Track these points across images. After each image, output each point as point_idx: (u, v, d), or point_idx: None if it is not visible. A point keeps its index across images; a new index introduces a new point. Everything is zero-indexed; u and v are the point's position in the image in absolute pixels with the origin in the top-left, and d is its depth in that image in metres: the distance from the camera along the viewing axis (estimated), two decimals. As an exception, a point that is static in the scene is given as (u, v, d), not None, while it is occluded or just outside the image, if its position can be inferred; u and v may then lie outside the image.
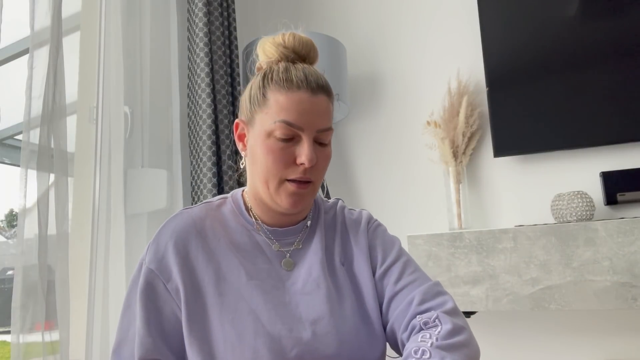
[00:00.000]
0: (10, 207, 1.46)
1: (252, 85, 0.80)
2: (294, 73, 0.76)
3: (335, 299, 0.78)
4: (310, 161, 0.74)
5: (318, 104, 0.75)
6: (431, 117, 1.89)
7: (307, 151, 0.74)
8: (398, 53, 1.99)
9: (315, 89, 0.75)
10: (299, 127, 0.74)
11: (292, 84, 0.74)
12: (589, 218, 1.46)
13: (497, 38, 1.74)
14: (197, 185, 1.65)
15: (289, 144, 0.75)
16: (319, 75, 0.78)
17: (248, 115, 0.79)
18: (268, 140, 0.75)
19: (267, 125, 0.75)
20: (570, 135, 1.62)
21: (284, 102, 0.74)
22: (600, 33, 1.61)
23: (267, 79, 0.77)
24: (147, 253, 0.77)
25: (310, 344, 0.72)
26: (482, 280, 1.45)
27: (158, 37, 1.74)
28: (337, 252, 0.84)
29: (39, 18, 1.30)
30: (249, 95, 0.79)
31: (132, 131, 1.61)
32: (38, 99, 1.26)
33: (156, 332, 0.74)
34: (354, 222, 0.88)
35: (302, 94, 0.74)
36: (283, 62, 0.79)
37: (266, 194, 0.77)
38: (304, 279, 0.78)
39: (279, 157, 0.74)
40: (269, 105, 0.75)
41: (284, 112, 0.74)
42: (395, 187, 1.93)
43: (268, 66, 0.80)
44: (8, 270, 1.47)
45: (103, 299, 1.39)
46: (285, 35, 0.80)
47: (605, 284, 1.33)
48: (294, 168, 0.75)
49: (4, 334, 1.33)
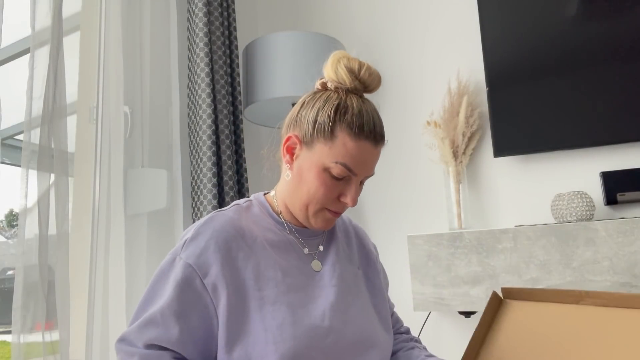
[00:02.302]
0: (10, 207, 1.46)
1: (319, 110, 0.81)
2: (366, 119, 0.80)
3: (355, 293, 0.87)
4: (353, 202, 0.82)
5: (376, 154, 0.82)
6: (431, 117, 1.89)
7: (353, 194, 0.82)
8: (398, 53, 1.99)
9: (379, 140, 0.81)
10: (354, 173, 0.81)
11: (363, 132, 0.79)
12: (589, 218, 1.46)
13: (497, 38, 1.74)
14: (197, 185, 1.65)
15: (339, 182, 0.81)
16: (382, 124, 0.83)
17: (307, 137, 0.81)
18: (323, 173, 0.80)
19: (328, 160, 0.80)
20: (570, 135, 1.62)
21: (351, 148, 0.79)
22: (600, 33, 1.61)
23: (339, 115, 0.79)
24: (183, 248, 0.79)
25: (341, 331, 0.79)
26: (482, 280, 1.45)
27: (158, 37, 1.74)
28: (355, 256, 0.94)
29: (40, 18, 1.30)
30: (315, 119, 0.81)
31: (132, 131, 1.61)
32: (38, 99, 1.26)
33: (185, 325, 0.76)
34: (366, 237, 1.01)
35: (367, 144, 0.80)
36: (355, 98, 0.82)
37: (302, 213, 0.84)
38: (330, 274, 0.86)
39: (328, 192, 0.81)
40: (335, 143, 0.79)
41: (348, 157, 0.79)
42: (395, 187, 1.93)
43: (340, 96, 0.82)
44: (8, 270, 1.47)
45: (103, 299, 1.39)
46: (363, 67, 0.83)
47: (605, 284, 1.33)
48: (336, 202, 0.83)
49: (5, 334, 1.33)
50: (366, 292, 0.90)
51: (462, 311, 1.52)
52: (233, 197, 1.68)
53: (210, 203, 1.59)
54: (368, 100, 0.85)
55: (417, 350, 0.95)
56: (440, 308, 1.50)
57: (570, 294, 0.90)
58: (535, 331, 0.87)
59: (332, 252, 0.89)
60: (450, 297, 1.49)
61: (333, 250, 0.89)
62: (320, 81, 0.86)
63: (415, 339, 1.02)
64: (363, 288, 0.90)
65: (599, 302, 0.87)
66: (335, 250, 0.90)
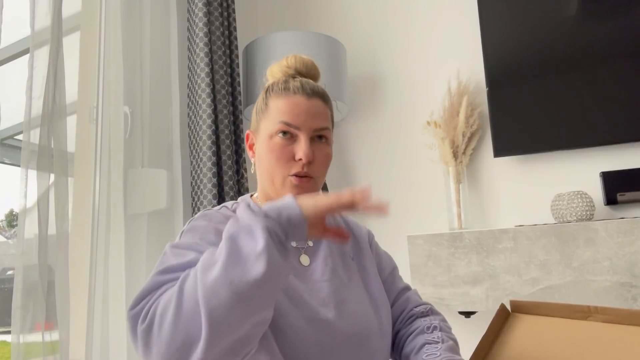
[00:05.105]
0: (10, 207, 1.46)
1: (258, 100, 0.89)
2: (292, 83, 0.85)
3: (349, 286, 0.86)
4: (306, 156, 0.81)
5: (313, 106, 0.84)
6: (431, 117, 1.89)
7: (303, 147, 0.81)
8: (398, 53, 1.99)
9: (311, 94, 0.84)
10: (295, 127, 0.82)
11: (289, 90, 0.84)
12: (589, 218, 1.46)
13: (497, 38, 1.74)
14: (197, 185, 1.65)
15: (288, 142, 0.82)
16: (315, 84, 0.87)
17: (255, 125, 0.88)
18: (270, 142, 0.83)
19: (269, 128, 0.83)
20: (570, 135, 1.62)
21: (282, 106, 0.83)
22: (600, 33, 1.61)
23: (269, 91, 0.87)
24: (181, 238, 0.76)
25: (335, 325, 0.78)
26: (482, 280, 1.45)
27: (158, 37, 1.74)
28: (347, 247, 0.94)
29: (39, 18, 1.30)
30: (255, 107, 0.89)
31: (132, 131, 1.61)
32: (38, 99, 1.26)
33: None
34: (356, 226, 1.00)
35: (298, 98, 0.83)
36: (284, 77, 0.89)
37: (274, 192, 0.84)
38: (322, 268, 0.85)
39: (279, 154, 0.82)
40: (270, 112, 0.84)
41: (282, 114, 0.82)
42: (395, 187, 1.93)
43: (271, 82, 0.89)
44: (8, 270, 1.47)
45: (103, 299, 1.39)
46: (289, 58, 0.89)
47: (605, 284, 1.33)
48: (294, 164, 0.82)
49: (4, 334, 1.33)
50: (361, 283, 0.89)
51: (462, 311, 1.52)
52: (233, 197, 1.68)
53: (210, 203, 1.59)
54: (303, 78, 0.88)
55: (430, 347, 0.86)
56: (440, 308, 1.50)
57: (579, 309, 0.89)
58: (541, 346, 0.87)
59: (323, 246, 0.89)
60: (450, 297, 1.49)
61: (324, 245, 0.89)
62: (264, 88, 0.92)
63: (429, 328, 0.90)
64: (357, 279, 0.90)
65: (607, 318, 0.86)
66: (326, 244, 0.89)
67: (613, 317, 0.85)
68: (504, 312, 0.97)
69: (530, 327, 0.92)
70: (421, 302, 0.97)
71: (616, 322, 0.85)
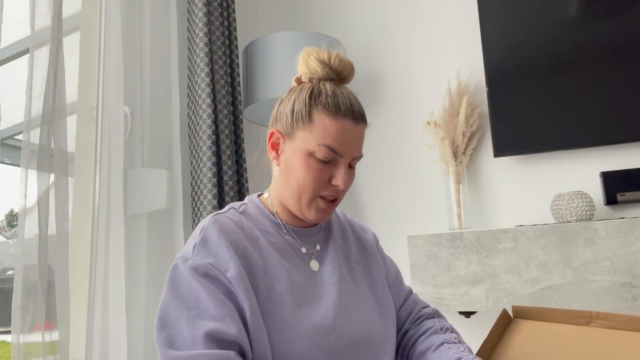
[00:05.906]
0: (10, 207, 1.46)
1: (295, 100, 0.82)
2: (341, 99, 0.80)
3: (355, 290, 0.87)
4: (345, 185, 0.81)
5: (359, 133, 0.82)
6: (431, 117, 1.89)
7: (343, 176, 0.81)
8: (398, 53, 1.99)
9: (358, 119, 0.81)
10: (339, 154, 0.80)
11: (340, 111, 0.79)
12: (589, 218, 1.46)
13: (497, 38, 1.74)
14: (197, 185, 1.65)
15: (327, 166, 0.81)
16: (360, 104, 0.83)
17: (288, 129, 0.82)
18: (309, 159, 0.80)
19: (310, 145, 0.79)
20: (570, 135, 1.62)
21: (329, 127, 0.79)
22: (600, 33, 1.61)
23: (314, 99, 0.80)
24: (194, 252, 0.76)
25: (343, 330, 0.79)
26: (482, 280, 1.45)
27: (158, 37, 1.74)
28: (353, 253, 0.93)
29: (39, 18, 1.30)
30: (292, 109, 0.82)
31: (132, 131, 1.61)
32: (38, 99, 1.26)
33: (230, 312, 0.72)
34: (362, 229, 1.01)
35: (347, 123, 0.79)
36: (329, 83, 0.83)
37: (296, 206, 0.83)
38: (329, 273, 0.85)
39: (317, 176, 0.80)
40: (314, 127, 0.79)
41: (329, 138, 0.79)
42: (395, 187, 1.93)
43: (313, 84, 0.83)
44: (8, 270, 1.47)
45: (103, 299, 1.39)
46: (332, 55, 0.84)
47: (605, 284, 1.33)
48: (328, 187, 0.82)
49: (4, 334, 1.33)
50: (366, 287, 0.90)
51: (462, 311, 1.52)
52: (233, 197, 1.68)
53: (210, 203, 1.59)
54: (343, 86, 0.85)
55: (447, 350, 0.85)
56: (440, 308, 1.50)
57: (580, 315, 0.89)
58: (543, 351, 0.87)
59: (330, 250, 0.89)
60: (450, 297, 1.49)
61: (331, 249, 0.89)
62: (294, 77, 0.87)
63: (442, 329, 0.91)
64: (363, 282, 0.90)
65: (609, 324, 0.86)
66: (333, 248, 0.89)
67: (614, 323, 0.85)
68: (505, 317, 0.97)
69: (531, 333, 0.92)
70: (427, 304, 1.00)
71: (617, 328, 0.85)
